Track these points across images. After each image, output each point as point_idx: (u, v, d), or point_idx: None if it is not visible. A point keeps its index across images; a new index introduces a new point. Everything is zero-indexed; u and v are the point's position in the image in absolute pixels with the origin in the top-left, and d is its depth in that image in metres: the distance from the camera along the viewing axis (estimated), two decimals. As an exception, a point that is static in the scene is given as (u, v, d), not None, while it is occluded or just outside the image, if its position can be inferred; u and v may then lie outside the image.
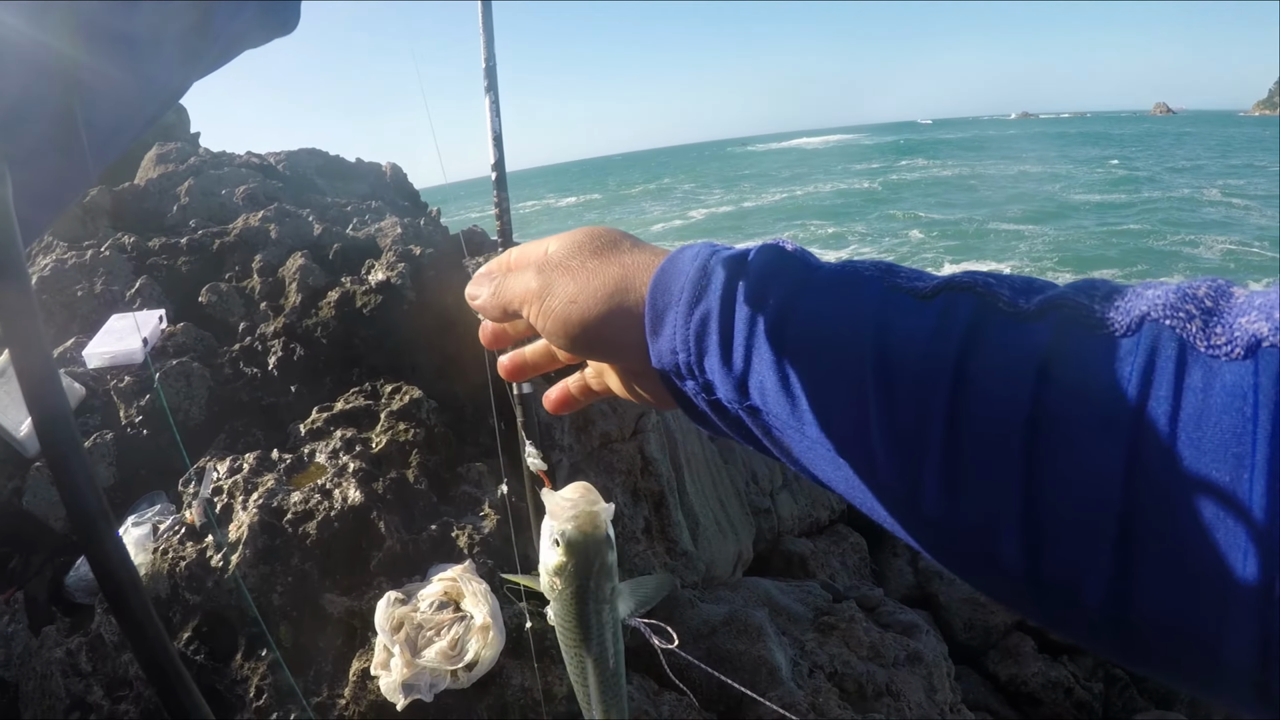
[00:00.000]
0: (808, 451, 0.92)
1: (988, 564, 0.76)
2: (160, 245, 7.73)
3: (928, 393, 0.77)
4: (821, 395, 0.87)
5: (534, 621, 4.05)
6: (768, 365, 0.91)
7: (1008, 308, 0.77)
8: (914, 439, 0.78)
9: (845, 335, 0.85)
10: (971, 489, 0.75)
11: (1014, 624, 9.06)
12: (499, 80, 2.36)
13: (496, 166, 2.51)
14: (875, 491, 0.85)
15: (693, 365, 1.00)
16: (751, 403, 0.95)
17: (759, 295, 0.94)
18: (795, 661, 5.97)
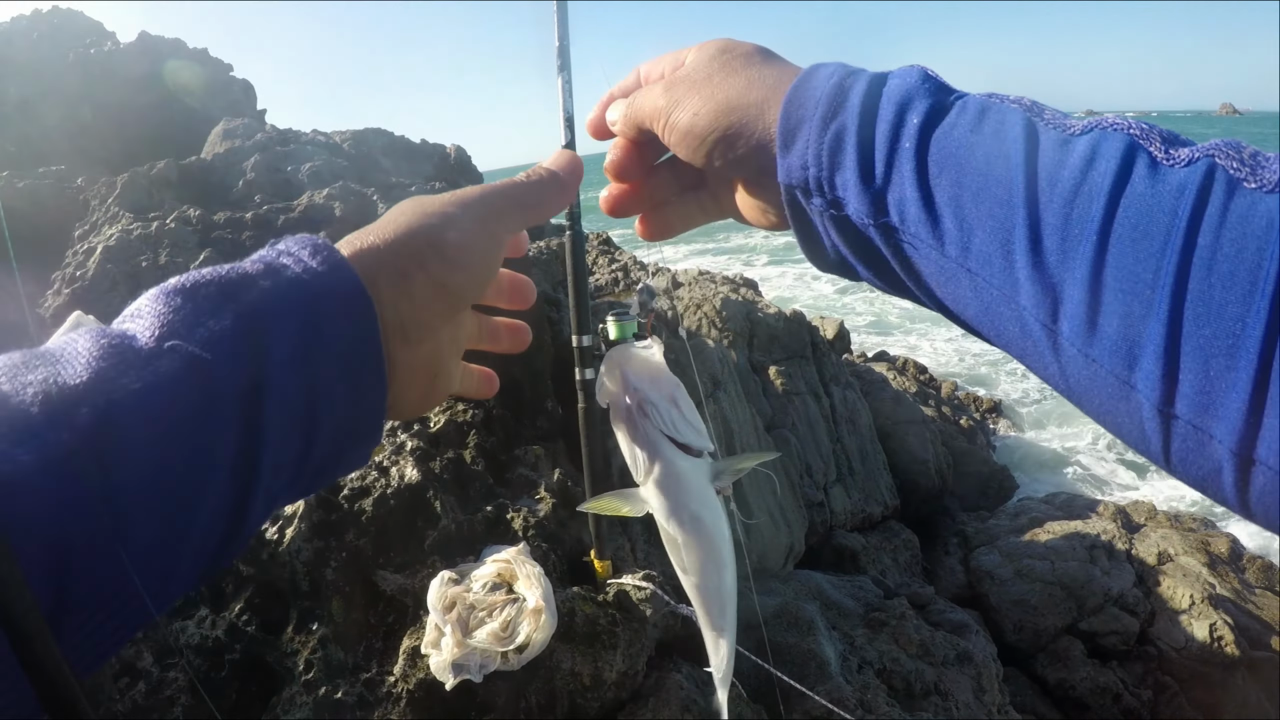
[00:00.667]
0: (941, 274, 0.92)
1: (1119, 391, 0.78)
2: (225, 219, 7.79)
3: (1079, 218, 0.78)
4: (966, 214, 0.87)
5: (586, 606, 4.05)
6: (909, 182, 0.90)
7: (1159, 153, 0.77)
8: (1060, 261, 0.79)
9: (993, 157, 0.85)
10: (1115, 311, 0.75)
11: (1064, 627, 9.02)
12: (572, 60, 2.34)
13: (568, 148, 2.50)
14: (1011, 314, 0.86)
15: (823, 181, 0.98)
16: (888, 220, 0.94)
17: (901, 112, 0.93)
18: (844, 656, 5.95)
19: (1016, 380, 21.57)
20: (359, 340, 0.94)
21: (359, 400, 0.95)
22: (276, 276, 0.91)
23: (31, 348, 0.84)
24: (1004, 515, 11.61)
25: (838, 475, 9.81)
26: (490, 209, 1.10)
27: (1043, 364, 0.85)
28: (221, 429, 0.83)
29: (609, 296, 10.89)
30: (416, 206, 1.06)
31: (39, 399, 0.75)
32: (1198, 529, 11.54)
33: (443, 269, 1.03)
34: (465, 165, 14.27)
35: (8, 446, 0.71)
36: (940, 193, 0.88)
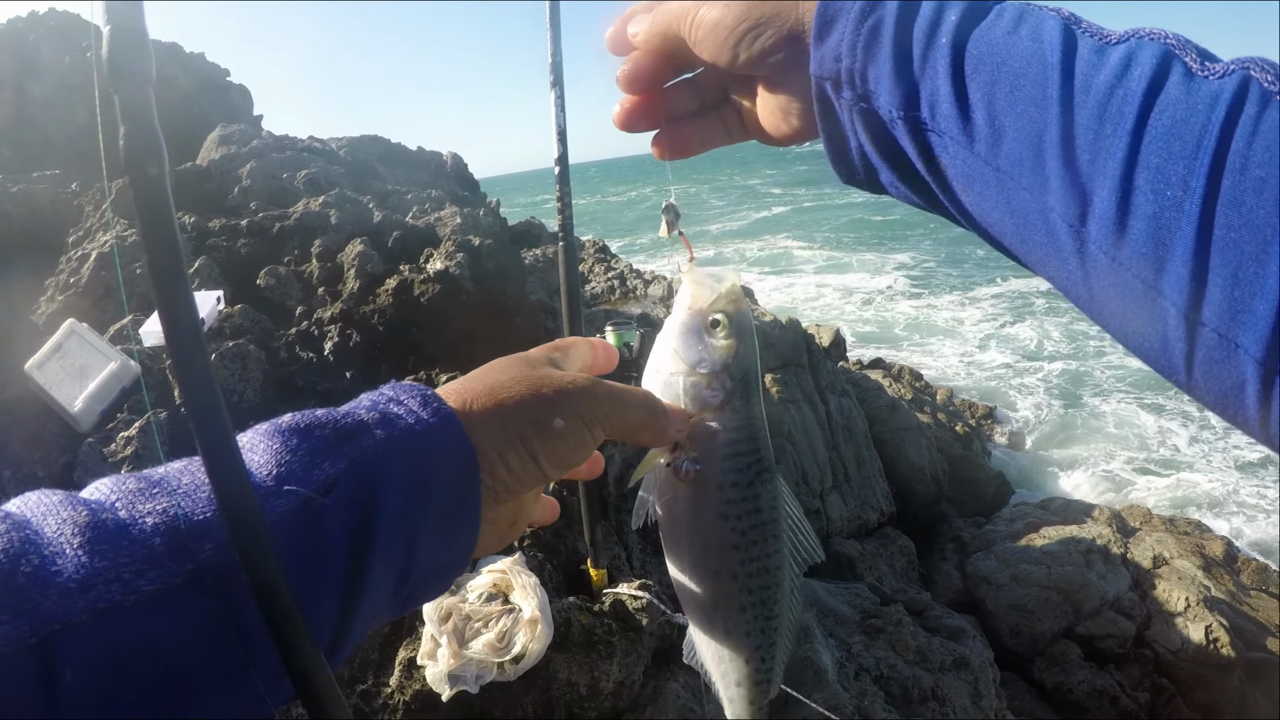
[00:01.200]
0: (967, 173, 0.92)
1: (1144, 297, 0.78)
2: (220, 226, 7.80)
3: (1111, 124, 0.78)
4: (999, 113, 0.87)
5: (582, 616, 4.05)
6: (944, 76, 0.90)
7: (1194, 63, 0.78)
8: (1091, 161, 0.79)
9: (1030, 57, 0.85)
10: (1145, 213, 0.76)
11: (1061, 631, 9.02)
12: (564, 76, 2.36)
13: (560, 161, 2.50)
14: (1038, 216, 0.86)
15: (855, 73, 0.97)
16: (918, 114, 0.93)
17: (939, 9, 0.93)
18: (841, 663, 5.95)
19: (1025, 394, 21.56)
20: (462, 500, 0.98)
21: (451, 550, 1.00)
22: (390, 426, 0.96)
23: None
24: (1000, 520, 11.62)
25: (834, 482, 9.81)
26: (597, 412, 1.11)
27: (1065, 270, 0.86)
28: (329, 570, 0.86)
29: (605, 304, 10.90)
30: (530, 381, 1.09)
31: (161, 530, 0.77)
32: (1193, 532, 11.56)
33: (542, 451, 1.06)
34: (462, 173, 14.29)
35: (130, 576, 0.73)
36: (974, 89, 0.89)
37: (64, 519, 0.76)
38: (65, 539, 0.74)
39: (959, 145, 0.90)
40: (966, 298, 32.15)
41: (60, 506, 0.78)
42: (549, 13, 2.74)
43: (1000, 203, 0.89)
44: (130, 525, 0.77)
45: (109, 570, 0.73)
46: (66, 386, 5.52)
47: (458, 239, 7.18)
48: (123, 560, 0.74)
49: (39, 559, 0.72)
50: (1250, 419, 0.75)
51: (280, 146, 10.57)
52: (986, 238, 0.98)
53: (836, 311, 31.75)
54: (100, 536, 0.75)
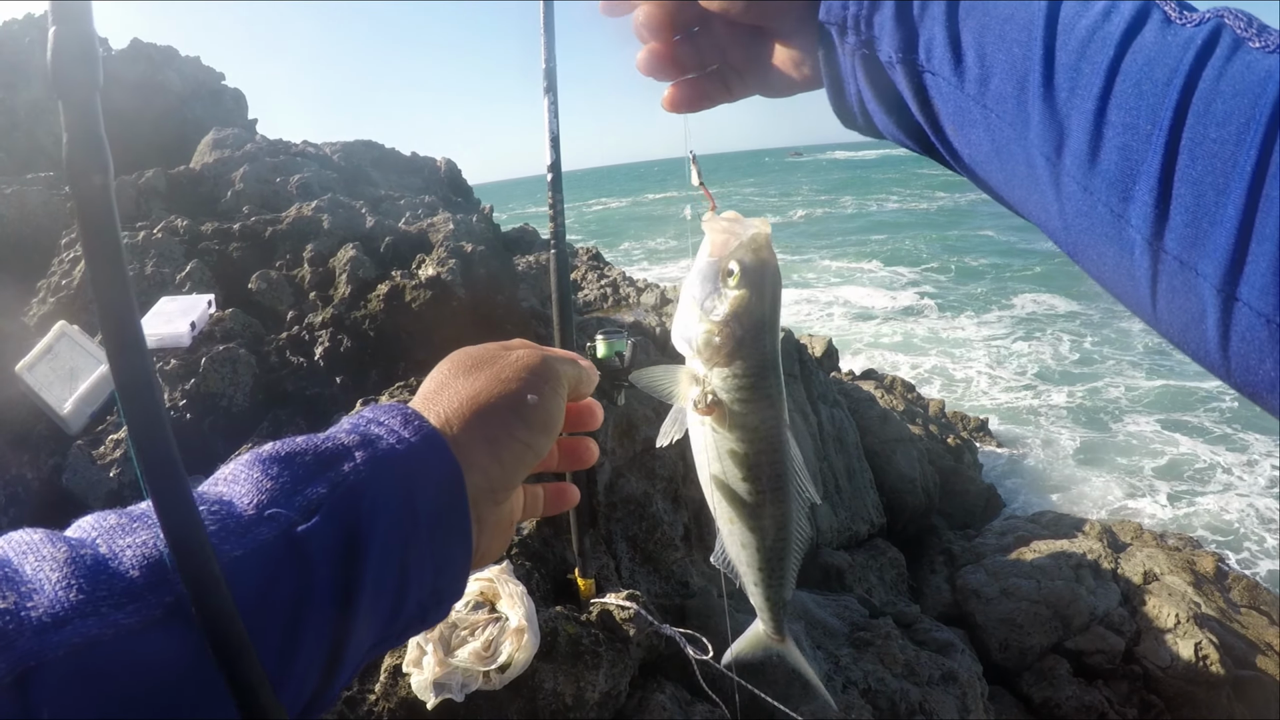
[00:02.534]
0: (957, 112, 0.97)
1: (1112, 226, 0.83)
2: (213, 230, 7.80)
3: (1090, 64, 0.84)
4: (988, 53, 0.92)
5: (569, 626, 4.04)
6: (939, 21, 0.95)
7: (1173, 12, 0.83)
8: (1069, 98, 0.85)
9: (1018, 6, 0.91)
10: (1115, 145, 0.81)
11: (1050, 646, 9.02)
12: (559, 81, 2.34)
13: (552, 168, 2.49)
14: (1020, 150, 0.91)
15: (860, 19, 1.01)
16: (915, 57, 0.99)
17: None
18: (830, 676, 5.94)
19: (1056, 423, 21.55)
20: (450, 513, 1.00)
21: (446, 568, 1.00)
22: (372, 448, 0.98)
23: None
24: (990, 534, 11.63)
25: (824, 493, 9.80)
26: (557, 375, 1.18)
27: (1043, 201, 0.91)
28: (316, 595, 0.86)
29: (598, 312, 10.90)
30: (493, 372, 1.14)
31: (139, 562, 0.78)
32: (1183, 548, 11.58)
33: (528, 433, 1.11)
34: (455, 179, 14.30)
35: (108, 610, 0.73)
36: (967, 33, 0.94)
37: (43, 556, 0.76)
38: (44, 575, 0.74)
39: (951, 85, 0.96)
40: (979, 319, 32.19)
41: (40, 544, 0.78)
42: (543, 17, 2.74)
43: (986, 139, 0.95)
44: (110, 560, 0.77)
45: (86, 604, 0.72)
46: (56, 389, 5.52)
47: (450, 245, 7.18)
48: (100, 594, 0.73)
49: (16, 596, 0.71)
50: (1210, 350, 0.79)
51: (274, 151, 10.58)
52: (973, 177, 1.03)
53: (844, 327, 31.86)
54: (78, 571, 0.75)
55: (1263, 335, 0.73)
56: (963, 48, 0.94)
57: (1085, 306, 31.70)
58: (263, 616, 0.81)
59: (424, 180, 13.42)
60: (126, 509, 0.88)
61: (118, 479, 5.23)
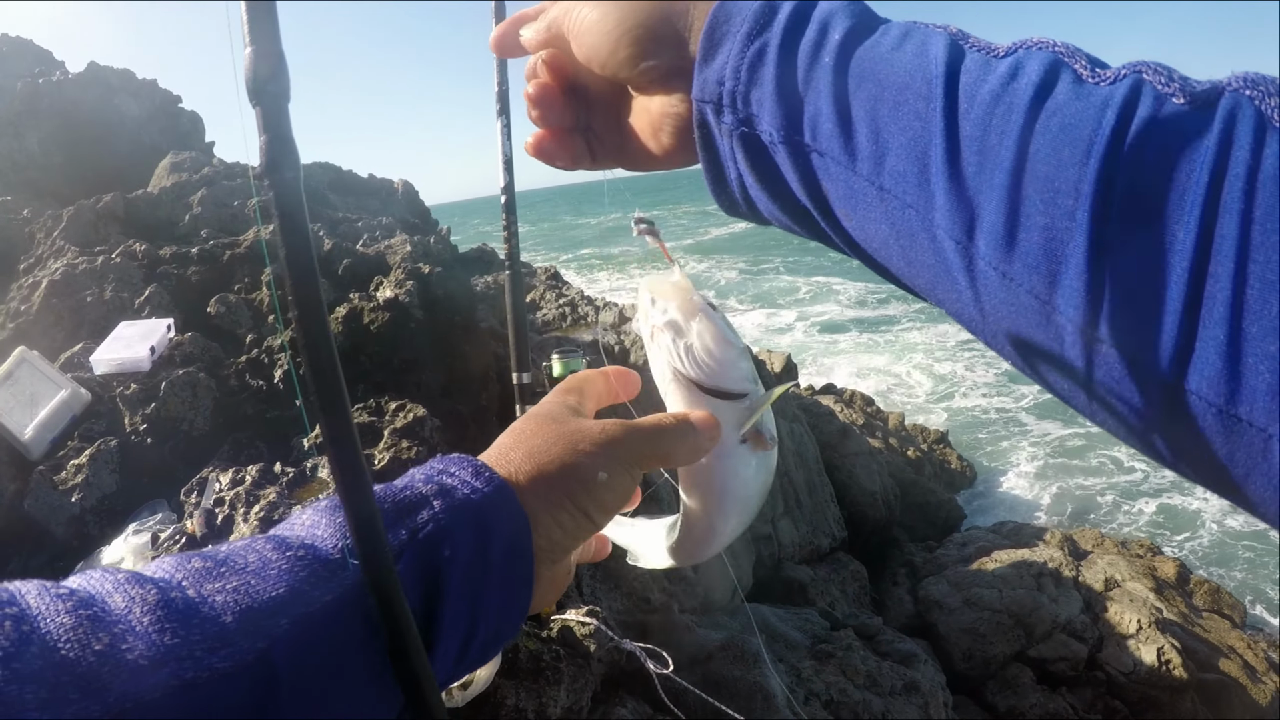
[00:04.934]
0: (850, 195, 0.89)
1: (1039, 314, 0.75)
2: (171, 254, 7.77)
3: (997, 133, 0.76)
4: (882, 129, 0.85)
5: (530, 642, 4.05)
6: (826, 97, 0.88)
7: (1085, 70, 0.76)
8: (978, 172, 0.77)
9: (913, 72, 0.83)
10: (1035, 224, 0.73)
11: (1013, 655, 9.06)
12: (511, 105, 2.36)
13: (506, 190, 2.52)
14: (925, 235, 0.83)
15: (737, 96, 0.96)
16: (801, 137, 0.91)
17: (824, 29, 0.91)
18: (791, 689, 5.96)
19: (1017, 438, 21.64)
20: (518, 565, 0.98)
21: (509, 614, 0.99)
22: (449, 497, 0.96)
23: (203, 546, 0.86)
24: (952, 545, 11.66)
25: (785, 508, 9.82)
26: (635, 456, 1.12)
27: (955, 290, 0.83)
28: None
29: (556, 332, 10.90)
30: (568, 441, 1.09)
31: (231, 608, 0.76)
32: (1145, 555, 11.64)
33: (592, 507, 1.07)
34: (413, 200, 14.28)
35: (202, 654, 0.72)
36: (857, 106, 0.87)
37: (132, 596, 0.75)
38: (135, 617, 0.73)
39: (841, 166, 0.89)
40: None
41: (127, 584, 0.77)
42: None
43: (884, 223, 0.88)
44: (200, 603, 0.76)
45: (181, 648, 0.71)
46: (17, 414, 5.50)
47: (407, 267, 7.18)
48: (194, 638, 0.72)
49: (109, 637, 0.70)
50: (1157, 444, 0.74)
51: (231, 174, 10.55)
52: (871, 264, 0.96)
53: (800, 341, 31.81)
54: (171, 614, 0.74)
55: (1214, 426, 0.65)
56: (853, 122, 0.87)
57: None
58: (355, 655, 0.81)
59: (381, 202, 13.39)
60: (205, 551, 0.86)
61: (80, 504, 5.21)
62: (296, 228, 0.74)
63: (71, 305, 7.08)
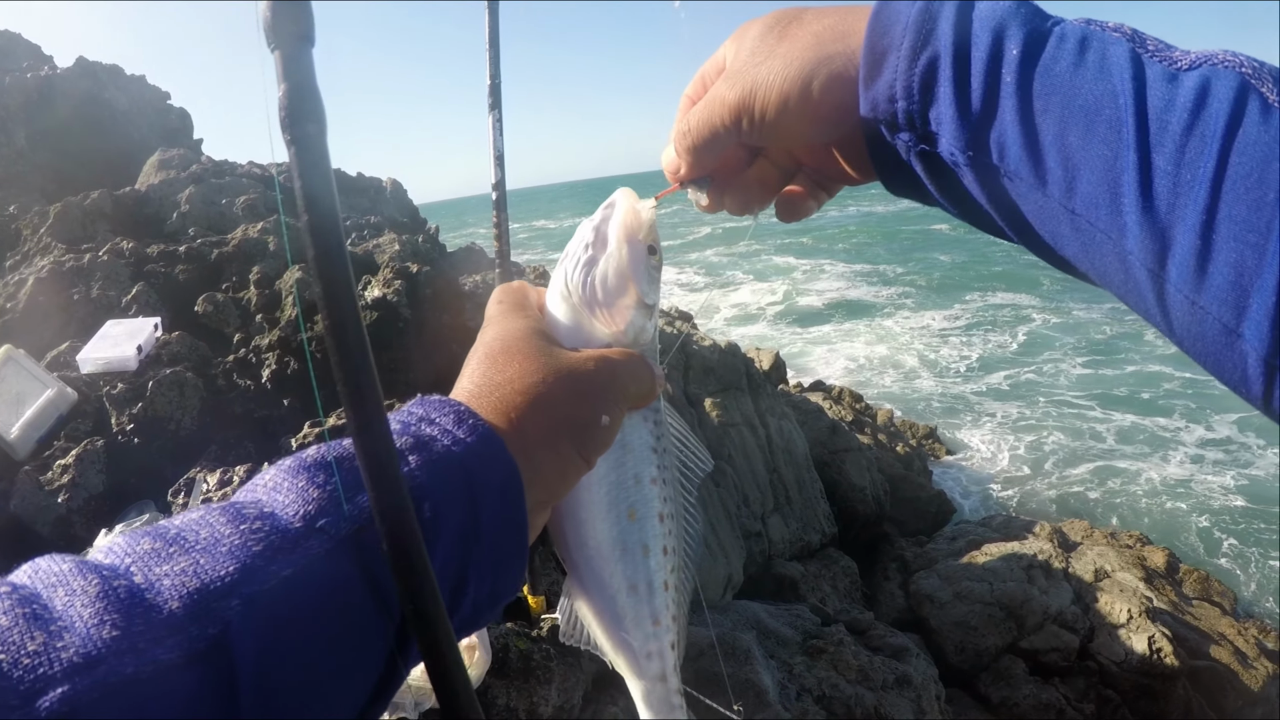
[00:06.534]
0: (1041, 213, 0.89)
1: (1224, 340, 0.76)
2: (159, 252, 7.74)
3: (1190, 168, 0.75)
4: (1073, 155, 0.83)
5: (520, 642, 4.04)
6: (1011, 119, 0.86)
7: (1271, 94, 0.75)
8: (1170, 206, 0.76)
9: (1101, 96, 0.82)
10: (1226, 260, 0.73)
11: (1005, 647, 9.08)
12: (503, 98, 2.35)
13: (497, 186, 2.49)
14: (1115, 257, 0.83)
15: (914, 115, 0.93)
16: (988, 159, 0.89)
17: (998, 40, 0.88)
18: (783, 685, 5.96)
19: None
20: (509, 516, 0.94)
21: (503, 571, 0.95)
22: (426, 450, 0.90)
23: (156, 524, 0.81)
24: (942, 539, 11.68)
25: (775, 505, 9.82)
26: (625, 395, 1.11)
27: (1145, 307, 0.84)
28: (377, 610, 0.81)
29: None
30: (566, 380, 1.06)
31: (178, 592, 0.72)
32: (1134, 545, 11.67)
33: (591, 450, 1.06)
34: (401, 199, 14.25)
35: (146, 646, 0.67)
36: (1045, 130, 0.85)
37: (74, 590, 0.71)
38: (75, 611, 0.69)
39: (1031, 187, 0.88)
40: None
41: (70, 576, 0.72)
42: (488, 35, 2.74)
43: (1075, 241, 0.87)
44: (146, 590, 0.71)
45: (121, 641, 0.67)
46: (2, 413, 5.48)
47: (396, 266, 7.15)
48: (136, 629, 0.68)
49: (45, 636, 0.66)
50: None
51: (219, 172, 10.51)
52: (1055, 261, 0.95)
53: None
54: (112, 605, 0.69)
55: None
56: (1041, 147, 0.85)
57: (1044, 302, 32.02)
58: (322, 631, 0.76)
59: (370, 201, 13.36)
60: (158, 526, 0.81)
61: (66, 504, 5.19)
62: (321, 190, 0.71)
63: (58, 303, 7.05)
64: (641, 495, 1.21)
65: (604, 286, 1.16)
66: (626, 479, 1.20)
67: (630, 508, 1.20)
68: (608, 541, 1.20)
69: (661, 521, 1.23)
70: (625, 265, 1.17)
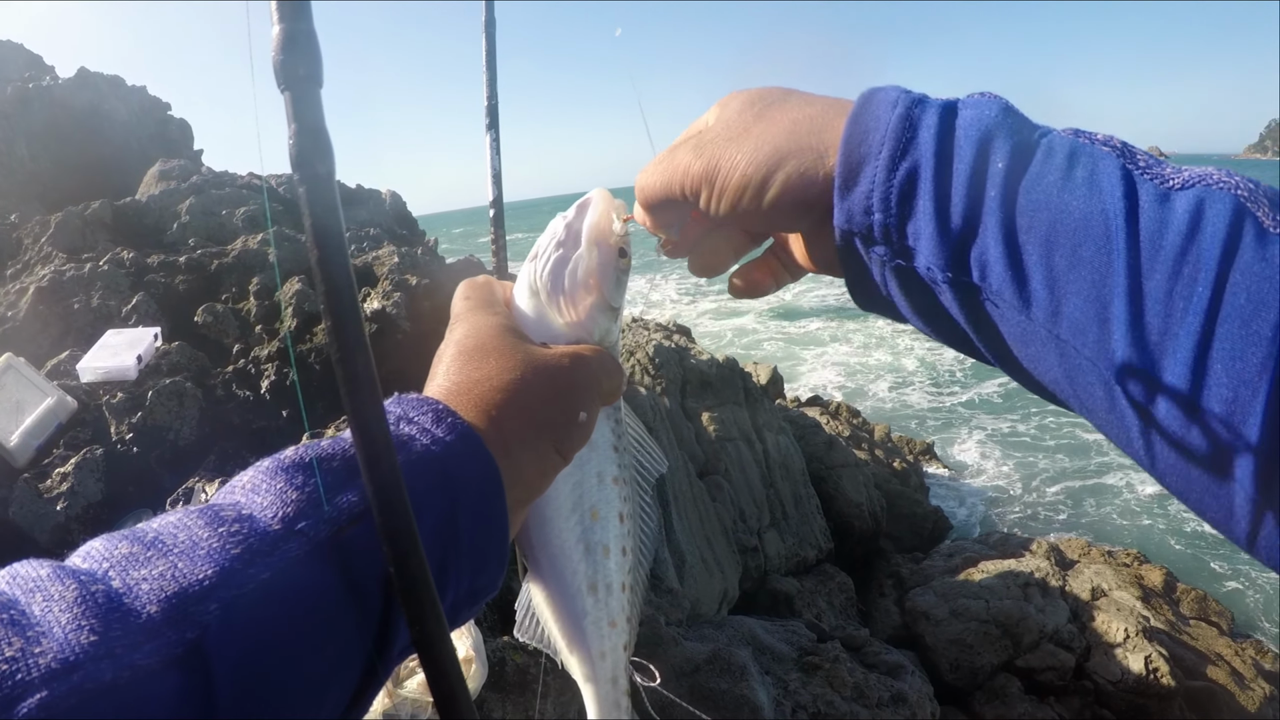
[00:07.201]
0: (1024, 336, 0.84)
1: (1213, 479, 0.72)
2: (159, 262, 7.73)
3: (1184, 291, 0.71)
4: (1059, 278, 0.79)
5: (517, 655, 4.04)
6: (994, 238, 0.82)
7: (1268, 219, 0.71)
8: (1161, 337, 0.72)
9: (1090, 215, 0.77)
10: (1219, 396, 0.69)
11: (1000, 665, 9.07)
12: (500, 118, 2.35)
13: (495, 204, 2.50)
14: (1101, 387, 0.78)
15: (890, 229, 0.89)
16: (969, 279, 0.85)
17: (981, 155, 0.84)
18: (778, 701, 5.95)
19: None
20: (489, 522, 0.93)
21: (483, 570, 0.94)
22: (405, 450, 0.88)
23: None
24: (938, 555, 11.68)
25: (771, 520, 9.81)
26: (600, 392, 1.11)
27: (1127, 440, 0.80)
28: (357, 613, 0.80)
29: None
30: (544, 377, 1.05)
31: (156, 597, 0.71)
32: (1131, 563, 11.66)
33: (569, 448, 1.05)
34: (400, 211, 14.24)
35: (123, 651, 0.66)
36: (1030, 250, 0.80)
37: (51, 595, 0.69)
38: (53, 616, 0.67)
39: (1013, 310, 0.83)
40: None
41: (47, 581, 0.71)
42: (485, 55, 2.75)
43: (1058, 366, 0.83)
44: (124, 594, 0.70)
45: (99, 646, 0.65)
46: (2, 421, 5.47)
47: (394, 278, 7.15)
48: (114, 634, 0.66)
49: (22, 642, 0.65)
50: None
51: (219, 183, 10.51)
52: (1033, 387, 0.90)
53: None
54: (89, 610, 0.67)
55: None
56: (1026, 268, 0.81)
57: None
58: (302, 636, 0.75)
59: (369, 213, 13.35)
60: (137, 529, 0.79)
61: (64, 512, 5.19)
62: (331, 234, 0.71)
63: (59, 312, 7.05)
64: (604, 495, 1.22)
65: (573, 285, 1.16)
66: (590, 477, 1.21)
67: (593, 507, 1.21)
68: (571, 540, 1.21)
69: (622, 522, 1.24)
70: (594, 266, 1.17)
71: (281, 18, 0.68)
